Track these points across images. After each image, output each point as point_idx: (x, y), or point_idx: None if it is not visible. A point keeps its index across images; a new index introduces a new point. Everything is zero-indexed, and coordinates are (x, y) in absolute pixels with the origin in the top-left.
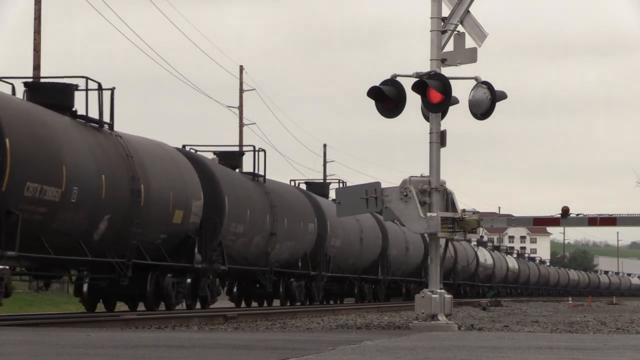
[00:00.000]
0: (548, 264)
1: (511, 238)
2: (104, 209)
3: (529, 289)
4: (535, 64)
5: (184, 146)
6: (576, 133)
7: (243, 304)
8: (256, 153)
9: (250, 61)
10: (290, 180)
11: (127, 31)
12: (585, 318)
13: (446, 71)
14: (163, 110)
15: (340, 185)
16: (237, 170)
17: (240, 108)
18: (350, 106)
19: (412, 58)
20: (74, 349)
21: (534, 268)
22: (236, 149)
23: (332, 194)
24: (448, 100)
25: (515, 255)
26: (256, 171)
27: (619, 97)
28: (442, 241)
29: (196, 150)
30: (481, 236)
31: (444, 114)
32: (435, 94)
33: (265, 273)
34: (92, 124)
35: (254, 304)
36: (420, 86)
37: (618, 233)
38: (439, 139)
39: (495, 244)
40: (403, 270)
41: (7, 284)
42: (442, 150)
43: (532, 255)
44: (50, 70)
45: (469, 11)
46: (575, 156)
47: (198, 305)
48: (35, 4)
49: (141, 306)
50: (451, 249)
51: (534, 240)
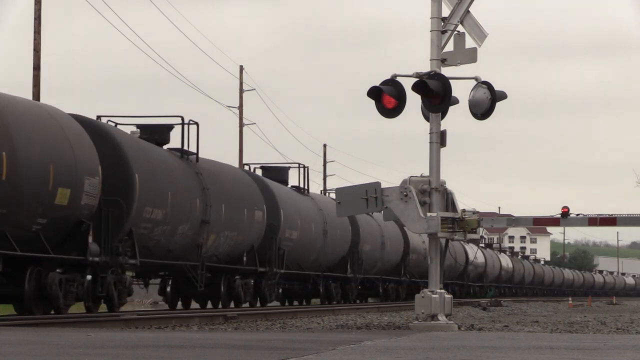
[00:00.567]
0: (543, 262)
1: (511, 238)
2: None
3: (524, 289)
4: (535, 64)
5: (98, 117)
6: (576, 133)
7: (182, 306)
8: (186, 126)
9: (250, 61)
10: (244, 164)
11: (127, 31)
12: (585, 318)
13: (446, 71)
14: (163, 110)
15: (302, 169)
16: (165, 147)
17: (240, 108)
18: (350, 106)
19: (412, 58)
20: (74, 349)
21: (529, 267)
22: (168, 121)
23: (293, 180)
24: (448, 100)
25: (509, 254)
26: (187, 148)
27: (619, 97)
28: (440, 241)
29: (116, 124)
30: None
31: (444, 114)
32: (433, 94)
33: (195, 269)
34: None
35: (196, 305)
36: (420, 86)
37: (618, 233)
38: (439, 139)
39: (488, 242)
40: (379, 268)
41: None
42: (442, 150)
43: (531, 255)
44: (50, 70)
45: (469, 11)
46: (575, 156)
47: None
48: (35, 4)
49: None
50: None
51: (534, 240)
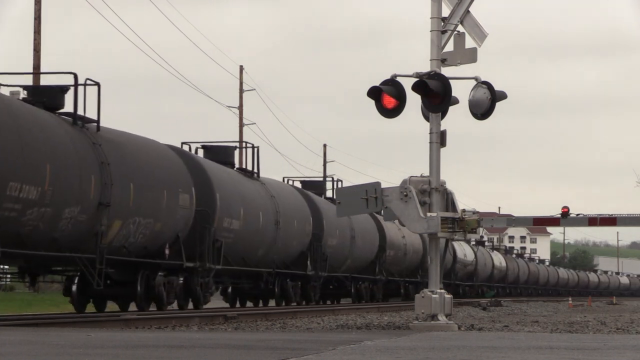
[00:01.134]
0: (537, 261)
1: (511, 238)
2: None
3: (519, 289)
4: (535, 64)
5: None
6: (576, 133)
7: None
8: (82, 87)
9: (250, 61)
10: (182, 144)
11: (127, 31)
12: (585, 318)
13: (446, 71)
14: (163, 110)
15: (252, 149)
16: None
17: (240, 108)
18: (350, 106)
19: (412, 58)
20: (74, 349)
21: (524, 266)
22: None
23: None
24: (448, 100)
25: (502, 252)
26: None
27: (619, 97)
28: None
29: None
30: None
31: (444, 114)
32: (433, 94)
33: (92, 262)
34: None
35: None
36: (420, 86)
37: (618, 233)
38: (439, 139)
39: (479, 240)
40: (349, 265)
41: None
42: (442, 150)
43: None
44: (50, 70)
45: (469, 11)
46: (575, 156)
47: None
48: (35, 4)
49: None
50: (416, 241)
51: (534, 240)
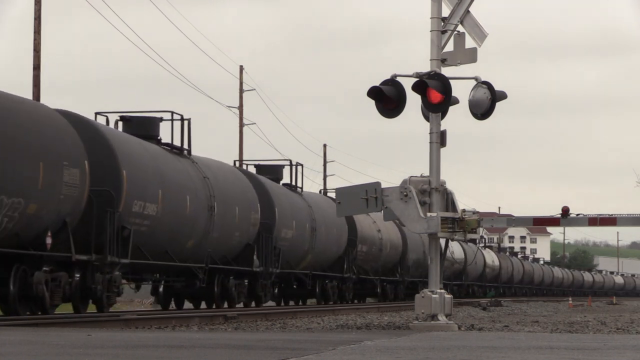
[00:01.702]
0: (531, 259)
1: (511, 238)
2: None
3: (513, 288)
4: (535, 64)
5: None
6: (576, 133)
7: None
8: None
9: (250, 61)
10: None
11: (127, 31)
12: (585, 318)
13: (446, 71)
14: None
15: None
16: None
17: (240, 108)
18: (350, 106)
19: (412, 58)
20: (74, 349)
21: (518, 265)
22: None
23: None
24: (448, 100)
25: (496, 250)
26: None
27: (619, 97)
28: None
29: None
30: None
31: (444, 114)
32: (435, 94)
33: None
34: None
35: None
36: (420, 86)
37: (618, 233)
38: (439, 139)
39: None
40: (309, 261)
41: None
42: (442, 150)
43: (532, 254)
44: (50, 70)
45: (469, 11)
46: (575, 156)
47: None
48: (35, 4)
49: None
50: (395, 236)
51: (534, 240)
